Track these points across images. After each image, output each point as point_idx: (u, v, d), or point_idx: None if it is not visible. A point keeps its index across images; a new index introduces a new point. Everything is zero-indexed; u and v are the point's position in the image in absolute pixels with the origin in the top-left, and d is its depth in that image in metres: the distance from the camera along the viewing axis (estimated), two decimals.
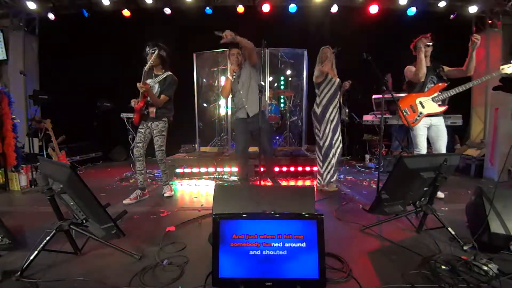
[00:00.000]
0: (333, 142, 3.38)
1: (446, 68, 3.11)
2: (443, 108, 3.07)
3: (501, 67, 2.80)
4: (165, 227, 2.31)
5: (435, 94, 3.04)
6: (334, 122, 3.37)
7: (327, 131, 3.35)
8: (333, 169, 3.42)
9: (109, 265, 1.73)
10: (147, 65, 3.03)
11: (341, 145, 3.46)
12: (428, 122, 3.09)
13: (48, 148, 4.35)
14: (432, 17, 5.46)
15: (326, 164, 3.40)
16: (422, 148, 3.08)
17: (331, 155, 3.37)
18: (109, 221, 1.70)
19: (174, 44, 5.67)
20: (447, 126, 3.14)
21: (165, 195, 3.34)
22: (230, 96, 3.42)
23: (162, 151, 3.20)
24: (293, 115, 5.69)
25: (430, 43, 3.02)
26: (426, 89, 3.08)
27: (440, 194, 3.13)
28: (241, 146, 3.37)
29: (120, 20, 5.60)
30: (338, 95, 3.42)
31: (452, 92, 3.00)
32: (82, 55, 5.80)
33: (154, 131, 3.15)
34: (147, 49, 3.06)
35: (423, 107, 3.05)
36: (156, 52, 3.01)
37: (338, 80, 3.42)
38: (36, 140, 4.81)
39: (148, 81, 3.10)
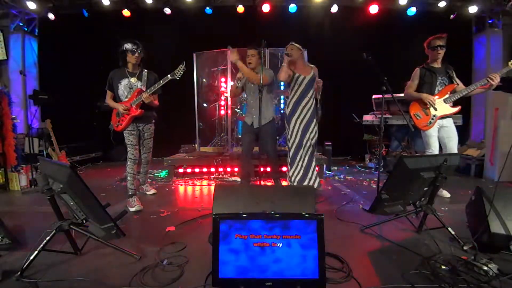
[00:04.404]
0: (303, 142, 3.11)
1: (456, 78, 3.07)
2: (456, 109, 3.04)
3: (510, 62, 2.77)
4: (165, 227, 2.31)
5: (446, 96, 3.02)
6: (304, 122, 3.10)
7: (295, 131, 3.11)
8: (303, 171, 3.12)
9: (109, 265, 1.73)
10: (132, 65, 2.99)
11: (312, 147, 3.16)
12: (440, 123, 3.07)
13: (48, 148, 4.34)
14: (432, 17, 5.46)
15: (294, 167, 3.13)
16: (435, 149, 3.07)
17: (298, 157, 3.11)
18: (109, 221, 1.70)
19: (174, 44, 5.72)
20: None
21: (149, 193, 3.41)
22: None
23: (151, 152, 3.25)
24: None
25: (443, 45, 2.97)
26: (436, 92, 3.06)
27: (446, 194, 3.14)
28: (245, 148, 3.41)
29: (120, 20, 5.58)
30: (311, 92, 3.11)
31: (464, 92, 2.96)
32: (82, 55, 5.80)
33: (146, 134, 3.12)
34: (132, 46, 2.92)
35: (435, 109, 3.02)
36: (142, 50, 2.95)
37: (311, 74, 3.11)
38: (36, 140, 4.81)
39: (133, 81, 3.02)
